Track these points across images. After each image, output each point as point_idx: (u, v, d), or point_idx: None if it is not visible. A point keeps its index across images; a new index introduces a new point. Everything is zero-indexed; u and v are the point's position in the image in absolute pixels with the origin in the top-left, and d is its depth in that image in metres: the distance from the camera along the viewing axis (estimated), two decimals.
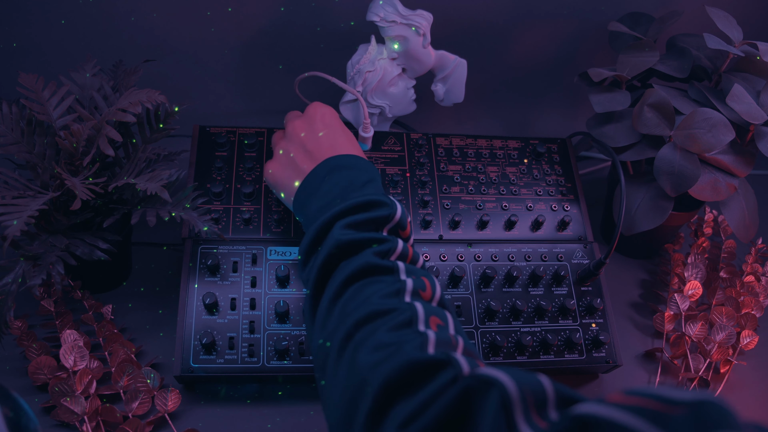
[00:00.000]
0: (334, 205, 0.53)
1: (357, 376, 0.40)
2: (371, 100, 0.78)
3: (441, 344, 0.40)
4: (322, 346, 0.45)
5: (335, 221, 0.51)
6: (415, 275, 0.48)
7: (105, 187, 0.58)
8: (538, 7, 0.89)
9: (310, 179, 0.56)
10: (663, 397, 0.26)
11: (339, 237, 0.49)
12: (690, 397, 0.25)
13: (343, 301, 0.46)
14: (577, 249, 0.72)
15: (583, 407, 0.28)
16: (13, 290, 0.55)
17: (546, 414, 0.32)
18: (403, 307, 0.43)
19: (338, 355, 0.43)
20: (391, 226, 0.52)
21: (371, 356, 0.40)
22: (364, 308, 0.44)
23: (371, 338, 0.41)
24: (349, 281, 0.47)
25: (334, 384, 0.42)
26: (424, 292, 0.46)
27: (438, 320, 0.43)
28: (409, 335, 0.41)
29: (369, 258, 0.47)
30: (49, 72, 0.65)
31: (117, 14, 0.81)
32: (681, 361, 0.74)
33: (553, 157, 0.77)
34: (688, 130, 0.68)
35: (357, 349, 0.41)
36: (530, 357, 0.66)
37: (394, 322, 0.42)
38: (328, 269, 0.49)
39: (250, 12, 0.84)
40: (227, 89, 0.92)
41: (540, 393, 0.32)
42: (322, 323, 0.47)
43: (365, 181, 0.55)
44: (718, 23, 0.73)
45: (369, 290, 0.45)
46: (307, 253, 0.52)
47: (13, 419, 0.40)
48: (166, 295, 0.72)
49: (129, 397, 0.60)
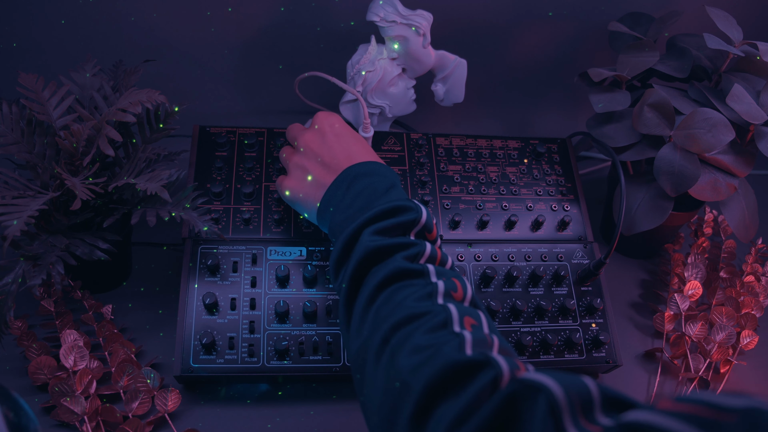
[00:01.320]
0: (359, 214, 0.53)
1: (397, 379, 0.40)
2: (371, 100, 0.78)
3: (477, 344, 0.40)
4: (358, 352, 0.46)
5: (363, 229, 0.51)
6: (445, 277, 0.48)
7: (105, 187, 0.58)
8: (538, 7, 0.89)
9: (332, 192, 0.56)
10: (714, 403, 0.26)
11: (368, 244, 0.49)
12: (741, 403, 0.25)
13: (377, 306, 0.46)
14: (577, 249, 0.72)
15: (634, 415, 0.28)
16: (13, 290, 0.55)
17: (593, 417, 0.32)
18: (437, 309, 0.44)
19: (376, 360, 0.43)
20: (417, 230, 0.52)
21: (410, 359, 0.40)
22: (398, 312, 0.44)
23: (408, 341, 0.42)
24: (381, 286, 0.47)
25: (374, 389, 0.43)
26: (456, 293, 0.47)
27: (472, 320, 0.44)
28: (446, 337, 0.41)
29: (399, 263, 0.48)
30: (49, 72, 0.65)
31: (117, 14, 0.81)
32: (681, 361, 0.74)
33: (553, 157, 0.77)
34: (688, 130, 0.68)
35: (395, 353, 0.42)
36: (530, 357, 0.66)
37: (430, 325, 0.42)
38: (359, 277, 0.50)
39: (250, 12, 0.84)
40: (227, 89, 0.92)
41: (586, 396, 0.32)
42: (357, 329, 0.47)
43: (387, 187, 0.55)
44: (718, 23, 0.73)
45: (402, 294, 0.46)
46: (338, 263, 0.52)
47: (13, 419, 0.40)
48: (166, 295, 0.72)
49: (129, 397, 0.60)
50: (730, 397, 0.26)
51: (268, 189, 0.69)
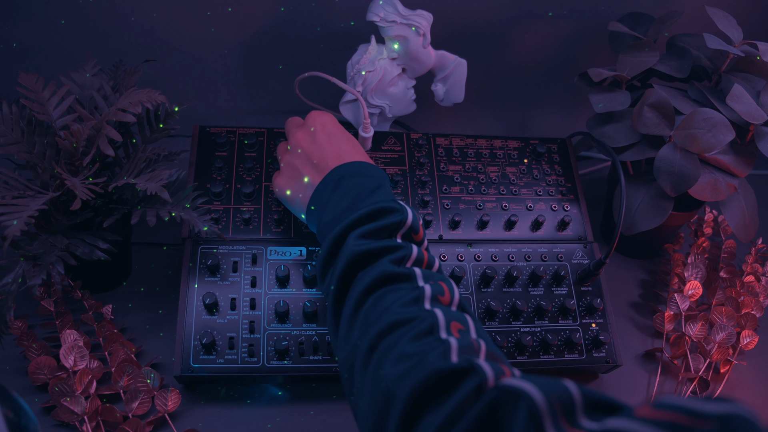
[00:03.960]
0: (344, 216, 0.53)
1: (383, 388, 0.40)
2: (371, 100, 0.78)
3: (463, 350, 0.40)
4: (347, 359, 0.46)
5: (348, 233, 0.51)
6: (432, 280, 0.48)
7: (105, 187, 0.58)
8: (538, 7, 0.89)
9: (320, 191, 0.56)
10: (692, 410, 0.26)
11: (353, 248, 0.49)
12: (719, 410, 0.25)
13: (364, 311, 0.46)
14: (577, 249, 0.72)
15: (613, 422, 0.28)
16: (13, 290, 0.55)
17: (575, 420, 0.32)
18: (424, 315, 0.43)
19: (363, 367, 0.43)
20: (403, 232, 0.52)
21: (395, 368, 0.40)
22: (384, 318, 0.44)
23: (394, 349, 0.42)
24: (368, 291, 0.47)
25: (362, 397, 0.43)
26: (443, 297, 0.46)
27: (459, 325, 0.43)
28: (432, 344, 0.41)
29: (385, 266, 0.47)
30: (49, 72, 0.65)
31: (117, 14, 0.81)
32: (681, 361, 0.74)
33: (553, 157, 0.77)
34: (688, 130, 0.68)
35: (381, 360, 0.42)
36: (530, 357, 0.66)
37: (416, 331, 0.42)
38: (346, 281, 0.49)
39: (250, 12, 0.84)
40: (227, 89, 0.92)
41: (567, 399, 0.32)
42: (345, 336, 0.47)
43: (374, 188, 0.55)
44: (718, 23, 0.73)
45: (388, 299, 0.46)
46: (324, 265, 0.52)
47: (13, 419, 0.40)
48: (166, 295, 0.72)
49: (129, 397, 0.60)
50: (710, 403, 0.26)
51: (268, 189, 0.69)
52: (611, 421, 0.29)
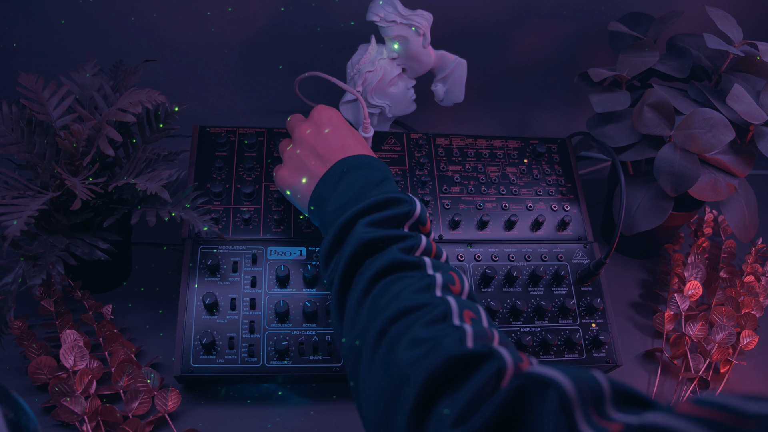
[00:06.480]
0: (351, 205, 0.52)
1: (395, 372, 0.39)
2: (371, 100, 0.78)
3: (478, 337, 0.39)
4: (353, 344, 0.45)
5: (356, 220, 0.51)
6: (442, 270, 0.47)
7: (105, 187, 0.58)
8: (538, 7, 0.88)
9: (325, 182, 0.56)
10: (736, 409, 0.25)
11: (362, 235, 0.48)
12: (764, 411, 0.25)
13: (372, 297, 0.45)
14: (577, 249, 0.72)
15: (653, 417, 0.28)
16: (13, 290, 0.55)
17: (604, 412, 0.31)
18: (436, 301, 0.43)
19: (372, 352, 0.42)
20: (411, 222, 0.52)
21: (410, 352, 0.39)
22: (396, 304, 0.43)
23: (407, 334, 0.41)
24: (376, 278, 0.46)
25: (370, 381, 0.42)
26: (454, 286, 0.46)
27: (471, 314, 0.43)
28: (446, 330, 0.40)
29: (395, 254, 0.47)
30: (49, 72, 0.65)
31: (117, 14, 0.81)
32: (681, 361, 0.74)
33: (553, 157, 0.77)
34: (688, 130, 0.68)
35: (393, 345, 0.41)
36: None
37: (429, 317, 0.42)
38: (353, 268, 0.49)
39: (250, 12, 0.84)
40: (227, 89, 0.92)
41: (597, 390, 0.32)
42: (351, 321, 0.46)
43: (380, 180, 0.55)
44: (718, 23, 0.73)
45: (398, 286, 0.45)
46: (329, 253, 0.52)
47: (13, 419, 0.40)
48: (166, 295, 0.72)
49: (129, 397, 0.60)
50: (752, 401, 0.25)
51: (268, 189, 0.69)
52: (650, 415, 0.28)
